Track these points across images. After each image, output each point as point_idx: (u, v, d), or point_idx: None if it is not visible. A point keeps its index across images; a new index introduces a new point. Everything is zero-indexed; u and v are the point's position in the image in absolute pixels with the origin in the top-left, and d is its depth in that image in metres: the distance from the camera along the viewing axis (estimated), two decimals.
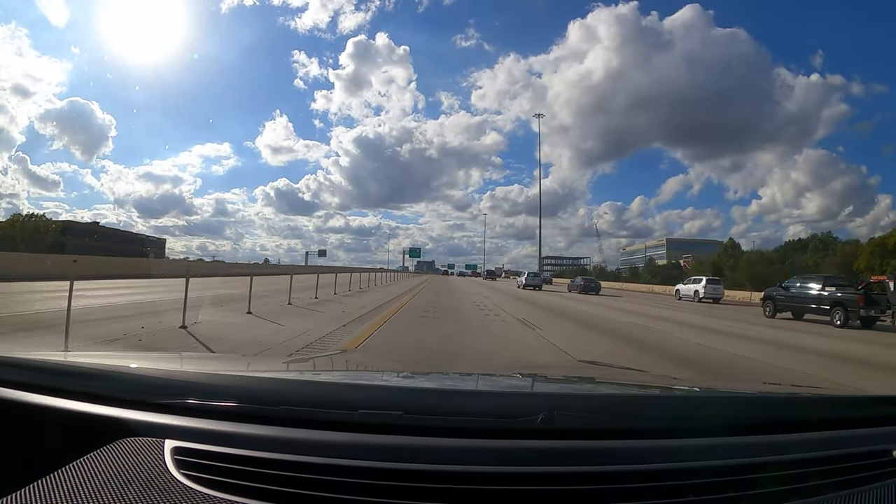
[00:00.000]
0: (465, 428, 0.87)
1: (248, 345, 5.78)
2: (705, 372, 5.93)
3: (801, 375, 5.75)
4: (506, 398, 1.13)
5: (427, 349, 6.41)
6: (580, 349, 6.97)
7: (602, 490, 0.78)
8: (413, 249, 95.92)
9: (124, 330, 6.26)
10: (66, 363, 1.16)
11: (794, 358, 7.36)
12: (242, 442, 0.82)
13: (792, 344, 9.06)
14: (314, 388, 1.10)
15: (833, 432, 1.00)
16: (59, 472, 0.76)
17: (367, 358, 2.93)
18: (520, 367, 2.22)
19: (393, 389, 1.26)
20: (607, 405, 1.10)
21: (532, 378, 1.64)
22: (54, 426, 0.89)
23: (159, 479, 0.76)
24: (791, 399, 1.34)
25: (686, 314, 15.73)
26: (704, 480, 0.81)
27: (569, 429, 0.89)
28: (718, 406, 1.13)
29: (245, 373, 1.36)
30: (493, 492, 0.76)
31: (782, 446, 0.92)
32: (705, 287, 25.95)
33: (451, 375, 1.70)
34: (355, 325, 8.43)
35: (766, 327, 12.40)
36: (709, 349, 7.85)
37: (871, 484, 0.88)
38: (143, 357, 2.11)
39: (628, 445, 0.89)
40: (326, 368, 1.89)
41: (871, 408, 1.19)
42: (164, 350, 4.82)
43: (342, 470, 0.77)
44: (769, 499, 0.82)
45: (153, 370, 1.12)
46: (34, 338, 5.55)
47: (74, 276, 5.56)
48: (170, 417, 0.88)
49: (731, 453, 0.88)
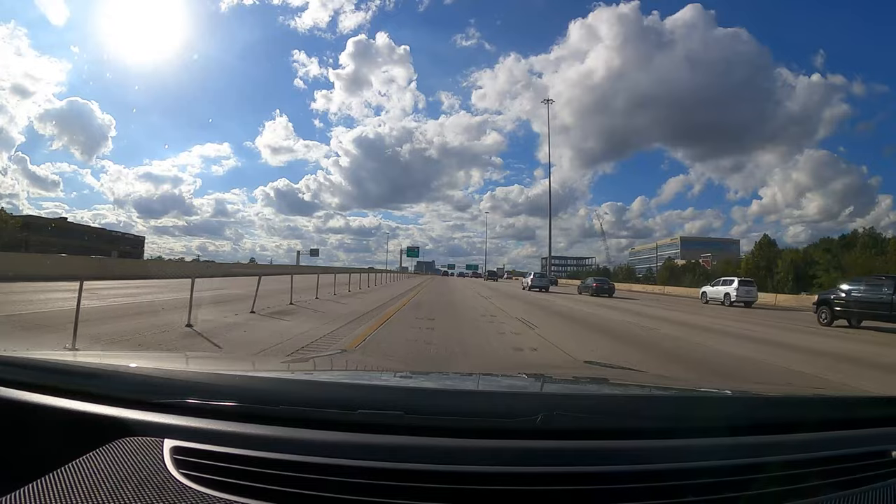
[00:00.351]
0: (465, 428, 0.90)
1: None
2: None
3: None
4: (505, 398, 1.15)
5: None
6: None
7: (601, 490, 0.81)
8: (411, 249, 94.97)
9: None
10: (65, 362, 1.16)
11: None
12: (242, 442, 0.84)
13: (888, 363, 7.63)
14: (314, 388, 1.12)
15: (832, 433, 1.02)
16: (58, 472, 0.78)
17: (366, 358, 2.92)
18: (519, 367, 2.35)
19: (393, 389, 1.29)
20: (606, 405, 1.12)
21: (531, 378, 1.69)
22: (54, 425, 0.91)
23: (159, 478, 0.78)
24: (790, 399, 1.37)
25: (724, 321, 14.45)
26: (704, 481, 0.84)
27: (568, 429, 0.91)
28: (718, 406, 1.17)
29: (245, 372, 1.37)
30: (493, 492, 0.78)
31: (781, 446, 0.94)
32: (738, 289, 23.75)
33: (450, 375, 1.72)
34: (326, 343, 6.92)
35: (836, 339, 10.98)
36: (796, 374, 6.26)
37: (871, 484, 0.90)
38: (143, 356, 2.15)
39: (628, 446, 0.91)
40: (326, 368, 1.93)
41: (870, 408, 1.22)
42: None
43: (342, 470, 0.79)
44: (768, 499, 0.84)
45: (153, 370, 1.14)
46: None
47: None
48: (169, 417, 0.90)
49: (730, 453, 0.90)
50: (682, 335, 10.11)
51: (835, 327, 13.44)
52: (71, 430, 0.89)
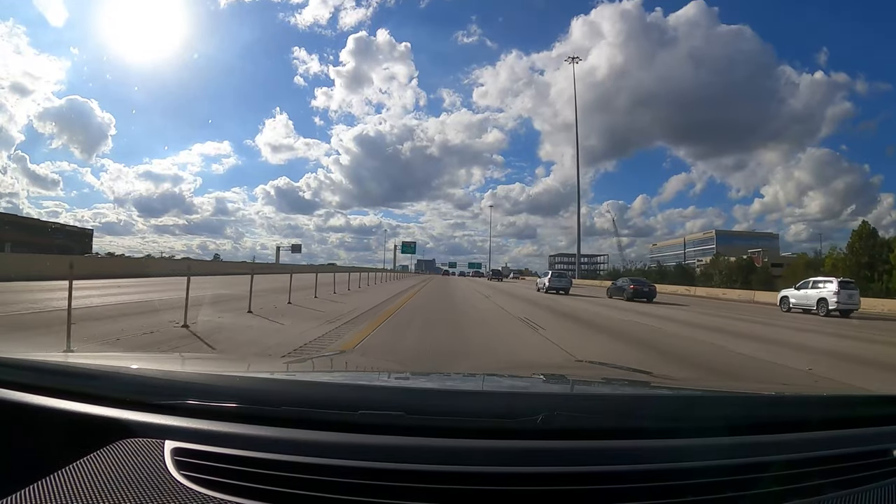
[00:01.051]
0: (466, 428, 0.93)
1: None
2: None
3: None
4: (506, 398, 1.19)
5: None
6: None
7: (602, 490, 0.84)
8: (406, 244, 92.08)
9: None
10: (65, 364, 1.21)
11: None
12: (243, 443, 0.87)
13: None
14: (315, 389, 1.16)
15: (833, 432, 1.05)
16: (58, 474, 0.81)
17: (367, 358, 2.99)
18: (520, 367, 2.38)
19: (393, 390, 1.33)
20: (607, 405, 1.15)
21: (532, 378, 1.73)
22: (54, 427, 0.95)
23: (159, 480, 0.81)
24: (790, 399, 1.41)
25: (855, 342, 10.62)
26: (704, 480, 0.87)
27: (569, 429, 0.94)
28: (718, 406, 1.20)
29: (245, 373, 1.41)
30: (494, 492, 0.82)
31: (782, 446, 0.97)
32: (839, 293, 19.03)
33: (451, 376, 1.74)
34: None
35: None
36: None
37: (871, 484, 0.93)
38: (143, 358, 2.16)
39: (628, 445, 0.94)
40: (327, 369, 1.95)
41: (871, 407, 1.25)
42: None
43: (343, 471, 0.82)
44: (769, 499, 0.87)
45: (153, 371, 1.19)
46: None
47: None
48: (169, 418, 0.94)
49: (731, 453, 0.93)
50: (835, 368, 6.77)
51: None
52: (71, 432, 0.92)
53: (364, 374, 1.78)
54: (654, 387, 1.71)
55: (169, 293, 11.58)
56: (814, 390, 1.83)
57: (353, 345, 6.81)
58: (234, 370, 1.51)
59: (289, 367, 2.00)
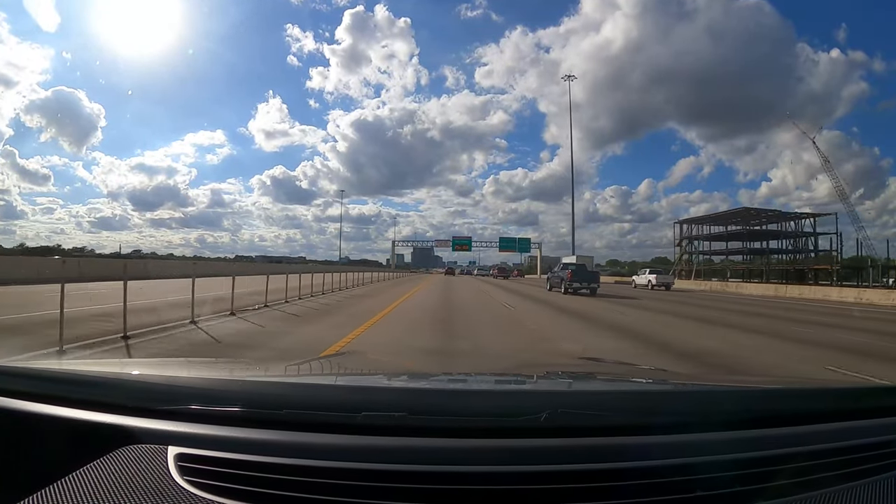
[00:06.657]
0: (470, 428, 0.94)
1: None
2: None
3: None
4: (509, 397, 1.20)
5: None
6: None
7: (608, 487, 0.85)
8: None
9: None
10: (68, 371, 1.21)
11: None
12: (246, 447, 0.88)
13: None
14: (317, 391, 1.16)
15: (839, 424, 1.06)
16: (63, 481, 0.82)
17: (369, 360, 2.96)
18: (523, 365, 2.35)
19: (396, 391, 1.31)
20: (611, 402, 1.15)
21: (535, 376, 1.73)
22: (57, 435, 0.96)
23: (163, 486, 0.81)
24: (796, 391, 1.40)
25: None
26: (711, 475, 0.87)
27: (573, 426, 0.95)
28: (724, 400, 1.20)
29: (247, 377, 1.39)
30: (499, 491, 0.82)
31: (788, 439, 0.98)
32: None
33: (454, 376, 1.74)
34: None
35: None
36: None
37: (879, 475, 0.94)
38: (145, 363, 2.20)
39: (633, 442, 0.95)
40: (328, 371, 1.95)
41: (877, 398, 1.25)
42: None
43: (348, 473, 0.83)
44: (776, 492, 0.87)
45: (155, 377, 1.19)
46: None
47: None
48: (173, 424, 0.94)
49: (737, 448, 0.94)
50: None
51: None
52: (75, 440, 0.93)
53: (366, 376, 1.78)
54: (658, 382, 1.71)
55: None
56: (819, 383, 1.83)
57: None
58: (235, 374, 1.52)
59: (290, 371, 1.99)
